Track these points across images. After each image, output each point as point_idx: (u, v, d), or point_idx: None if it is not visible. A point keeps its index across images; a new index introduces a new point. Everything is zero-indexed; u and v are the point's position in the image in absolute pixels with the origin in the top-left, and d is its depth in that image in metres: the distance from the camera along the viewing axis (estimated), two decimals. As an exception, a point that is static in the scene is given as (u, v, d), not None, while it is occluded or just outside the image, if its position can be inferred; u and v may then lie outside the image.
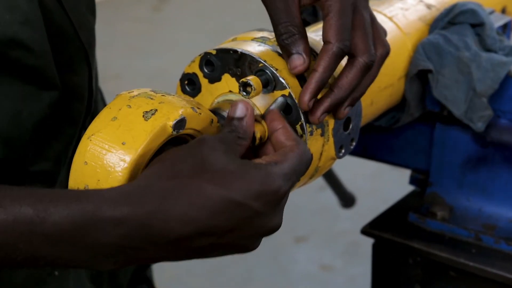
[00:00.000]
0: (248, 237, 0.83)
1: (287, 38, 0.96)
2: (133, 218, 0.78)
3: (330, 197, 1.85)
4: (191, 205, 0.78)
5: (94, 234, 0.77)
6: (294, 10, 0.96)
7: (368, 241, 1.38)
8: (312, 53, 1.00)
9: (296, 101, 0.97)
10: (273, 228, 0.84)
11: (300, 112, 0.97)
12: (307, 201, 3.39)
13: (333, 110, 0.99)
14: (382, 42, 1.00)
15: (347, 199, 1.84)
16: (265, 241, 0.92)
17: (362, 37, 0.96)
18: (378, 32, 1.00)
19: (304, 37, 0.97)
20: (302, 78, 0.99)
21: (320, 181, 1.76)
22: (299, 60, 0.96)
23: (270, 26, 1.04)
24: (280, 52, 0.99)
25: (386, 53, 1.01)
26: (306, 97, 0.95)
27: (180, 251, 0.80)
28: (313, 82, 0.95)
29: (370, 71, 0.98)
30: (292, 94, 0.97)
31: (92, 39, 1.04)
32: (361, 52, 0.96)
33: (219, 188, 0.79)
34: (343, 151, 1.06)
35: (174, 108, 0.88)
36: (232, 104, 0.90)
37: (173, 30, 5.55)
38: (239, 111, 0.89)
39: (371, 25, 0.99)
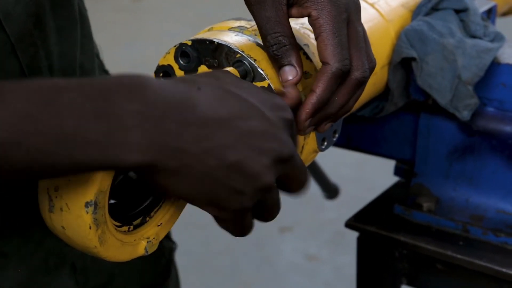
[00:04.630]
0: (261, 151, 0.81)
1: (278, 49, 0.93)
2: (160, 88, 0.77)
3: (314, 187, 1.83)
4: (215, 99, 0.80)
5: (118, 100, 0.75)
6: (284, 19, 0.93)
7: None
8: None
9: (275, 92, 0.94)
10: (285, 152, 0.82)
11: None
12: (291, 190, 3.38)
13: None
14: (369, 56, 0.97)
15: (330, 190, 1.82)
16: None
17: (356, 52, 0.94)
18: (368, 45, 0.97)
19: (296, 48, 0.94)
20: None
21: (304, 171, 1.73)
22: (291, 72, 0.94)
23: (250, 15, 1.00)
24: (259, 42, 0.96)
25: (373, 67, 0.98)
26: (303, 117, 0.93)
27: (201, 142, 0.78)
28: (311, 103, 0.93)
29: (361, 86, 0.96)
30: (271, 85, 0.94)
31: (24, 30, 0.96)
32: (354, 68, 0.94)
33: (239, 92, 0.82)
34: (325, 143, 1.04)
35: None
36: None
37: (153, 20, 5.53)
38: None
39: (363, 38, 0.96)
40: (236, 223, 0.85)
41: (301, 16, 0.94)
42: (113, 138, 0.75)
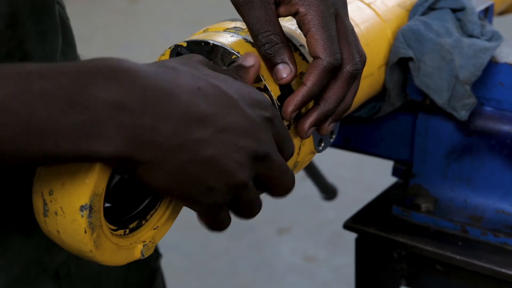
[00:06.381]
0: (237, 148, 0.80)
1: (270, 48, 0.93)
2: (141, 76, 0.76)
3: (312, 187, 1.83)
4: (196, 92, 0.79)
5: (93, 90, 0.73)
6: (274, 18, 0.93)
7: (352, 231, 1.35)
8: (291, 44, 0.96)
9: (272, 93, 0.93)
10: (261, 149, 0.81)
11: (276, 105, 0.93)
12: (289, 191, 3.38)
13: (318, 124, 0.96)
14: (359, 50, 0.97)
15: (329, 191, 1.81)
16: (248, 233, 0.89)
17: (346, 46, 0.94)
18: (357, 40, 0.97)
19: (287, 45, 0.94)
20: (287, 86, 0.95)
21: (301, 171, 1.73)
22: (285, 70, 0.93)
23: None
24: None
25: (364, 60, 0.98)
26: (290, 108, 0.93)
27: (176, 136, 0.77)
28: (300, 95, 0.92)
29: (355, 81, 0.95)
30: (267, 86, 0.93)
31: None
32: (346, 61, 0.94)
33: (218, 83, 0.81)
34: (322, 144, 1.03)
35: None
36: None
37: (150, 22, 5.52)
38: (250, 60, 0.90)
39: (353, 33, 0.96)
40: (211, 218, 0.84)
41: (288, 14, 0.94)
42: (86, 130, 0.73)
